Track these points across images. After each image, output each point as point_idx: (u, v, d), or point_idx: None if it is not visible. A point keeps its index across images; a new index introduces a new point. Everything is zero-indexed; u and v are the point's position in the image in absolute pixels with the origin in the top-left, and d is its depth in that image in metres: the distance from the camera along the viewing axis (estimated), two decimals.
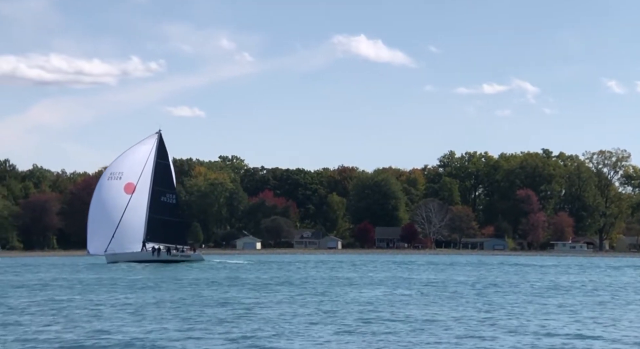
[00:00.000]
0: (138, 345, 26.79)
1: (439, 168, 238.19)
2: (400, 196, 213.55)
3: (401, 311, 37.70)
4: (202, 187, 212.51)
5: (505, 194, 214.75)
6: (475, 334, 29.70)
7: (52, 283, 62.49)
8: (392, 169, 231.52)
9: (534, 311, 38.71)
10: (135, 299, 45.31)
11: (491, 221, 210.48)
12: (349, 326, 31.92)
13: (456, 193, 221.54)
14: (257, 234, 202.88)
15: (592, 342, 28.31)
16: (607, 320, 35.51)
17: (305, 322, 33.17)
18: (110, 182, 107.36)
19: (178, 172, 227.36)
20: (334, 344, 27.11)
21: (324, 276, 70.88)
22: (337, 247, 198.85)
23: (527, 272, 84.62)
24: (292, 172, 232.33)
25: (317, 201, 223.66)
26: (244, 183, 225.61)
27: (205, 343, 27.68)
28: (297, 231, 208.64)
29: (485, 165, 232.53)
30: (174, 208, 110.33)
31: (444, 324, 32.73)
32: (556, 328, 31.85)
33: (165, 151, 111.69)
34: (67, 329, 30.97)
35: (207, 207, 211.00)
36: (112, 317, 35.29)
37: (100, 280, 64.77)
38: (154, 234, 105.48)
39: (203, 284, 59.35)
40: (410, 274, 75.74)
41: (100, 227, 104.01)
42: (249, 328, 31.19)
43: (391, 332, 30.18)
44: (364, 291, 51.92)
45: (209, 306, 40.24)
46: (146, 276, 71.63)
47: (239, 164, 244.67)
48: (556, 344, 27.61)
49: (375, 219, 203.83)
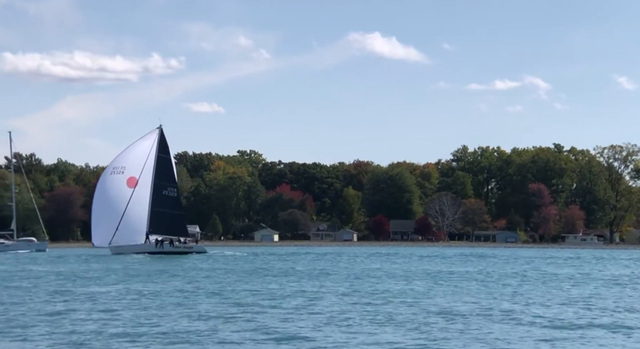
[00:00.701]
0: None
1: (452, 162, 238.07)
2: (414, 190, 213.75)
3: (553, 311, 35.06)
4: (221, 181, 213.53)
5: (517, 187, 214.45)
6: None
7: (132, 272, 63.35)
8: (407, 164, 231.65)
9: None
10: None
11: (503, 214, 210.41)
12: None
13: (469, 187, 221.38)
14: (274, 226, 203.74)
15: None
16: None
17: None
18: (112, 177, 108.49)
19: (198, 166, 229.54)
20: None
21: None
22: (352, 240, 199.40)
23: (580, 265, 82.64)
24: (308, 166, 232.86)
25: (333, 195, 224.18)
26: (262, 177, 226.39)
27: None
28: (313, 224, 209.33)
29: (498, 159, 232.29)
30: (176, 201, 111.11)
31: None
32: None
33: (166, 146, 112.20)
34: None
35: (226, 201, 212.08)
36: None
37: (166, 271, 65.13)
38: (156, 227, 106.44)
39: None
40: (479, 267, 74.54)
41: (103, 220, 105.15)
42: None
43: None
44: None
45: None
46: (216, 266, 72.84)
47: (257, 158, 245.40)
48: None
49: (390, 212, 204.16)
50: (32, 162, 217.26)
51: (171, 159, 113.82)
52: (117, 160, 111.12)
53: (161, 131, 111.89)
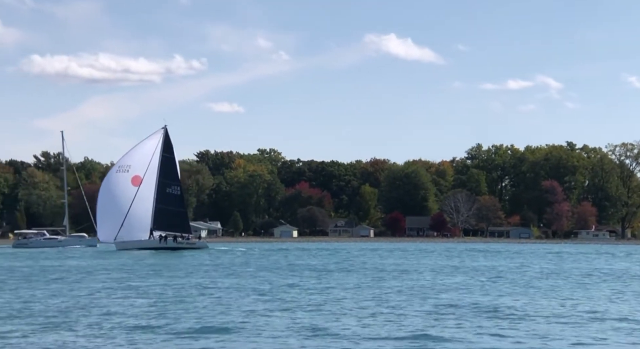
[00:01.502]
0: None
1: (467, 160, 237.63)
2: (429, 187, 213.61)
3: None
4: (241, 178, 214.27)
5: (530, 185, 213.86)
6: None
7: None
8: (422, 161, 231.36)
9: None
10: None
11: (517, 211, 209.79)
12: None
13: (483, 184, 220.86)
14: (293, 223, 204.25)
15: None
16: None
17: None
18: (118, 175, 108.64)
19: (219, 164, 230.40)
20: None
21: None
22: (369, 236, 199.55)
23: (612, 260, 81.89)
24: (326, 164, 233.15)
25: (351, 192, 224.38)
26: (281, 175, 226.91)
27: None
28: (331, 220, 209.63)
29: (512, 157, 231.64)
30: (179, 199, 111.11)
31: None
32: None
33: (170, 145, 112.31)
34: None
35: (247, 198, 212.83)
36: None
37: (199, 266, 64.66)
38: (160, 223, 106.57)
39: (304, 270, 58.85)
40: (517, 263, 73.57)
41: (109, 217, 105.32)
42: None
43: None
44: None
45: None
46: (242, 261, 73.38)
47: (276, 156, 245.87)
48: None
49: (406, 209, 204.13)
50: (60, 161, 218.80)
51: (175, 159, 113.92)
52: (123, 159, 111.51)
53: (166, 131, 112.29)
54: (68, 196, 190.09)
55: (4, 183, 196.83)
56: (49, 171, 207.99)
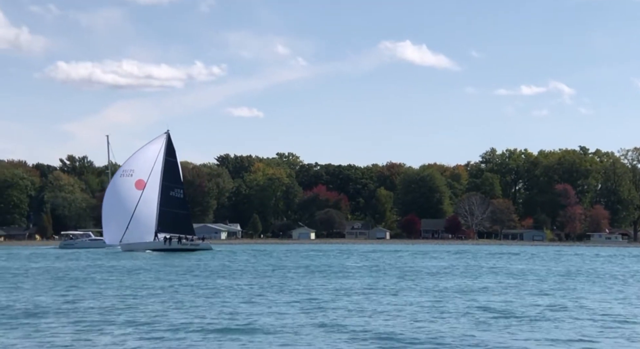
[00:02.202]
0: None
1: (481, 164, 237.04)
2: (444, 190, 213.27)
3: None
4: (260, 181, 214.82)
5: (544, 188, 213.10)
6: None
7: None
8: (437, 165, 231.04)
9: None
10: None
11: (530, 214, 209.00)
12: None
13: (497, 187, 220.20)
14: (311, 225, 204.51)
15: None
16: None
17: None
18: (122, 179, 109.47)
19: (239, 168, 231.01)
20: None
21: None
22: (385, 238, 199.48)
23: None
24: (343, 168, 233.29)
25: (367, 195, 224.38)
26: (299, 178, 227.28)
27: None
28: (348, 223, 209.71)
29: (525, 161, 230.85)
30: (182, 201, 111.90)
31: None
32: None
33: (173, 150, 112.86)
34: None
35: (266, 200, 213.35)
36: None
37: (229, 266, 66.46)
38: (164, 226, 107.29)
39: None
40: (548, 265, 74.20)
41: (114, 220, 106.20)
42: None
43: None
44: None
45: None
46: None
47: (294, 160, 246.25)
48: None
49: (421, 212, 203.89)
50: (85, 164, 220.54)
51: (177, 162, 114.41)
52: (127, 163, 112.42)
53: (168, 135, 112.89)
54: (93, 198, 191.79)
55: (31, 186, 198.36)
56: (74, 174, 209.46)
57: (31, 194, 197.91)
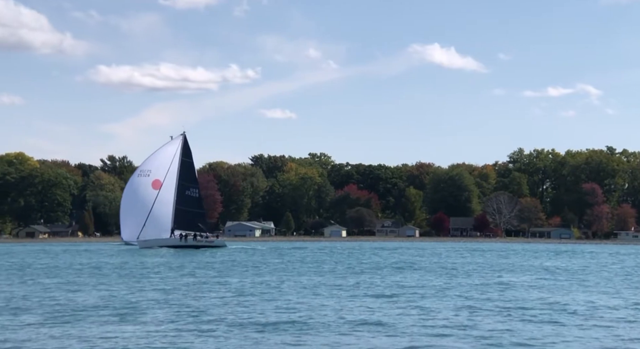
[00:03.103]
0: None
1: (509, 164, 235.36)
2: (472, 189, 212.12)
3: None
4: (293, 181, 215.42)
5: (571, 187, 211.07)
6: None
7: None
8: (466, 165, 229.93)
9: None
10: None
11: (557, 212, 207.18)
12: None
13: (525, 187, 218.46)
14: (342, 223, 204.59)
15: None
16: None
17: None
18: (139, 179, 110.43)
19: (272, 167, 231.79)
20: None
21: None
22: (415, 236, 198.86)
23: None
24: (374, 167, 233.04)
25: (397, 194, 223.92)
26: (331, 177, 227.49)
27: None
28: (378, 221, 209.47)
29: (552, 161, 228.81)
30: (197, 200, 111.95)
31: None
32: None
33: (189, 150, 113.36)
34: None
35: (298, 199, 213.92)
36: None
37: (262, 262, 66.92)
38: (180, 223, 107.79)
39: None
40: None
41: (131, 218, 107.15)
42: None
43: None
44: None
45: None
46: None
47: (326, 160, 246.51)
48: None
49: (450, 210, 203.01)
50: (124, 164, 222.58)
51: (193, 163, 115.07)
52: (144, 164, 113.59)
53: (185, 137, 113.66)
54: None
55: (74, 185, 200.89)
56: (114, 174, 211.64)
57: (74, 192, 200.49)
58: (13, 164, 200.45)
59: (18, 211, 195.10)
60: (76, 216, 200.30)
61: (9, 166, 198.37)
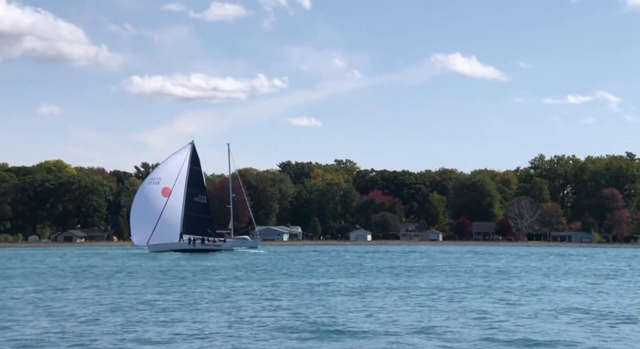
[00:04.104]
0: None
1: (530, 170, 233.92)
2: (494, 194, 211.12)
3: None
4: (320, 186, 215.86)
5: (591, 192, 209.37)
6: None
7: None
8: (488, 171, 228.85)
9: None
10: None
11: (578, 217, 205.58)
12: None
13: (546, 192, 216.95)
14: (367, 227, 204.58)
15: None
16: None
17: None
18: (150, 186, 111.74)
19: (299, 174, 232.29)
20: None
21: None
22: (438, 240, 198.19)
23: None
24: (398, 173, 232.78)
25: (420, 199, 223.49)
26: (356, 183, 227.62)
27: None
28: (402, 225, 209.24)
29: (573, 167, 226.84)
30: (205, 206, 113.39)
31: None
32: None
33: (197, 159, 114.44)
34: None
35: (325, 204, 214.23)
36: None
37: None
38: (188, 228, 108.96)
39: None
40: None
41: (141, 223, 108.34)
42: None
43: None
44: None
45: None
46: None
47: (351, 166, 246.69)
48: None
49: (472, 215, 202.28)
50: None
51: (201, 170, 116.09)
52: (154, 172, 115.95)
53: (193, 146, 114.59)
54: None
55: (109, 191, 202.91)
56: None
57: (109, 198, 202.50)
58: (52, 172, 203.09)
59: (56, 216, 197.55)
60: (111, 221, 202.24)
61: (48, 173, 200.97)
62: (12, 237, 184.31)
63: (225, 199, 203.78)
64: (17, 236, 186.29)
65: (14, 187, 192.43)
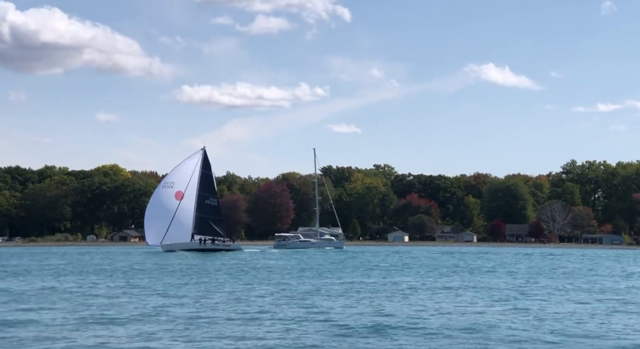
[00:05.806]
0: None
1: (562, 174, 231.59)
2: (527, 198, 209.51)
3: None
4: (359, 190, 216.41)
5: (622, 196, 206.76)
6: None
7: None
8: (521, 175, 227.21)
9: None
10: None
11: (609, 220, 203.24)
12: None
13: (577, 196, 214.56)
14: (405, 229, 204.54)
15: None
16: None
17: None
18: (164, 190, 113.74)
19: (340, 178, 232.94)
20: None
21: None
22: (473, 241, 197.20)
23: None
24: (434, 177, 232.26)
25: (456, 202, 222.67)
26: (394, 187, 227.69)
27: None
28: (438, 227, 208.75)
29: (604, 172, 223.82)
30: (216, 209, 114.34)
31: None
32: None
33: (208, 163, 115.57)
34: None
35: (364, 207, 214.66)
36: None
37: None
38: (199, 229, 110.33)
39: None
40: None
41: (155, 225, 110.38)
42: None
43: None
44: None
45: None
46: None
47: (390, 171, 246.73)
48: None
49: (506, 218, 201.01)
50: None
51: (212, 175, 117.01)
52: (168, 177, 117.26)
53: (204, 152, 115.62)
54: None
55: None
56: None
57: None
58: (108, 175, 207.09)
59: (112, 217, 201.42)
60: None
61: (105, 177, 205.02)
62: (71, 237, 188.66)
63: (270, 201, 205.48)
64: (77, 236, 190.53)
65: (73, 190, 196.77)
